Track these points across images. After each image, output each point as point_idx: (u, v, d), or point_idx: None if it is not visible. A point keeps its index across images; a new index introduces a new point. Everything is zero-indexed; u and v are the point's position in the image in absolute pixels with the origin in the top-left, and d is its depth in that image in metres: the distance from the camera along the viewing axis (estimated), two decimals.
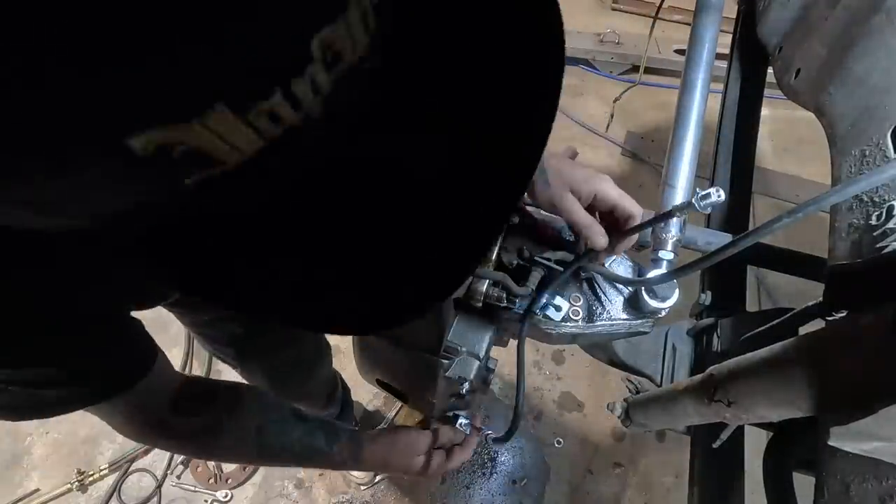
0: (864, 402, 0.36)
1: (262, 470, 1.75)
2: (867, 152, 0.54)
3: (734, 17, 1.21)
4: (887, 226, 0.48)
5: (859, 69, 0.60)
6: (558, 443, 1.82)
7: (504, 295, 0.68)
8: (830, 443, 0.39)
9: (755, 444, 0.85)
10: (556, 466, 1.78)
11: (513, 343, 0.94)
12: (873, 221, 0.50)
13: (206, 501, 1.68)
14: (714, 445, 0.67)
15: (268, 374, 1.00)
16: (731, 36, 1.20)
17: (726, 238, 0.83)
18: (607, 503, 1.73)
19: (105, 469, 1.71)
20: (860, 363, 0.37)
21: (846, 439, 0.38)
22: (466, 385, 0.64)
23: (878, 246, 0.48)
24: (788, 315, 0.59)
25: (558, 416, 1.86)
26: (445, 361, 0.63)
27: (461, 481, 1.76)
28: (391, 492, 1.72)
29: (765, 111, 1.19)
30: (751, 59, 1.13)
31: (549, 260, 0.70)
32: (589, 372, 1.92)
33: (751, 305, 1.02)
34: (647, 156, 2.45)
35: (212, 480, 1.71)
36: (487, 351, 0.68)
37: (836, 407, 0.39)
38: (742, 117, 1.12)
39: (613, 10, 3.06)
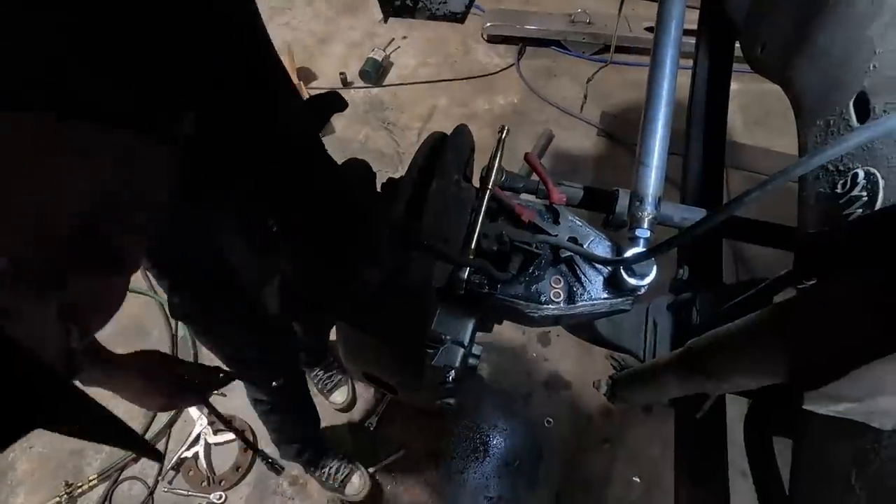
0: (836, 366, 0.37)
1: (255, 470, 1.74)
2: (831, 122, 0.55)
3: None
4: (852, 193, 0.50)
5: (822, 41, 0.60)
6: (548, 423, 1.85)
7: (486, 281, 0.68)
8: (805, 406, 0.40)
9: (737, 412, 0.87)
10: (548, 446, 1.82)
11: (497, 330, 0.95)
12: (839, 189, 0.51)
13: None
14: (697, 416, 0.69)
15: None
16: (698, 12, 1.21)
17: (701, 213, 0.84)
18: (598, 478, 1.78)
19: (94, 479, 1.68)
20: (832, 329, 0.38)
21: (819, 402, 0.39)
22: (452, 373, 0.64)
23: (844, 213, 0.50)
24: (761, 286, 0.61)
25: (547, 397, 1.89)
26: (430, 351, 0.63)
27: (455, 467, 1.78)
28: (385, 480, 1.74)
29: (734, 85, 1.20)
30: (719, 34, 1.14)
31: (528, 244, 0.70)
32: (575, 352, 1.95)
33: (728, 278, 1.04)
34: (622, 135, 2.46)
35: (205, 483, 1.70)
36: (472, 338, 0.69)
37: (809, 372, 0.40)
38: (712, 92, 1.13)
39: None
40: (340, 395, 1.82)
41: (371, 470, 1.72)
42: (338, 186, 0.49)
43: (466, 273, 0.66)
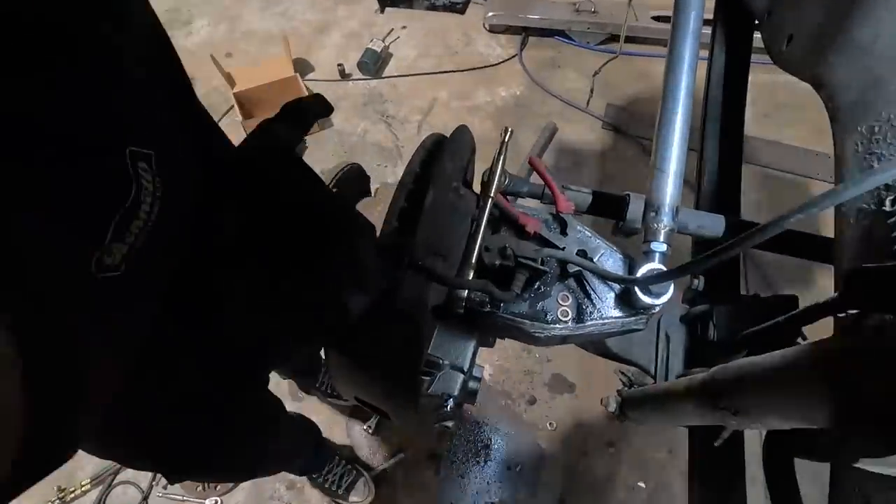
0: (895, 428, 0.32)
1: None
2: (876, 128, 0.49)
3: None
4: None
5: (864, 35, 0.54)
6: (551, 426, 1.80)
7: (487, 300, 0.63)
8: (858, 465, 0.35)
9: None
10: (551, 450, 1.77)
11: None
12: (887, 207, 0.45)
13: None
14: (715, 444, 0.64)
15: (213, 475, 0.93)
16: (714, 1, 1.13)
17: (719, 220, 0.78)
18: (602, 483, 1.73)
19: (87, 484, 1.65)
20: (890, 382, 0.32)
21: (875, 465, 0.34)
22: (451, 402, 0.59)
23: (893, 235, 0.44)
24: (794, 313, 0.55)
25: (550, 400, 1.85)
26: (426, 378, 0.58)
27: (456, 470, 1.74)
28: (384, 484, 1.70)
29: None
30: (736, 25, 1.06)
31: (533, 260, 0.64)
32: (579, 353, 1.88)
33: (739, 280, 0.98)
34: (628, 128, 2.39)
35: (200, 488, 1.66)
36: (472, 361, 0.63)
37: (861, 426, 0.35)
38: (729, 89, 1.06)
39: None
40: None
41: (370, 474, 1.68)
42: (317, 203, 0.43)
43: (466, 291, 0.61)
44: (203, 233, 0.45)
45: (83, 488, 1.64)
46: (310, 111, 0.45)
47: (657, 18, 2.56)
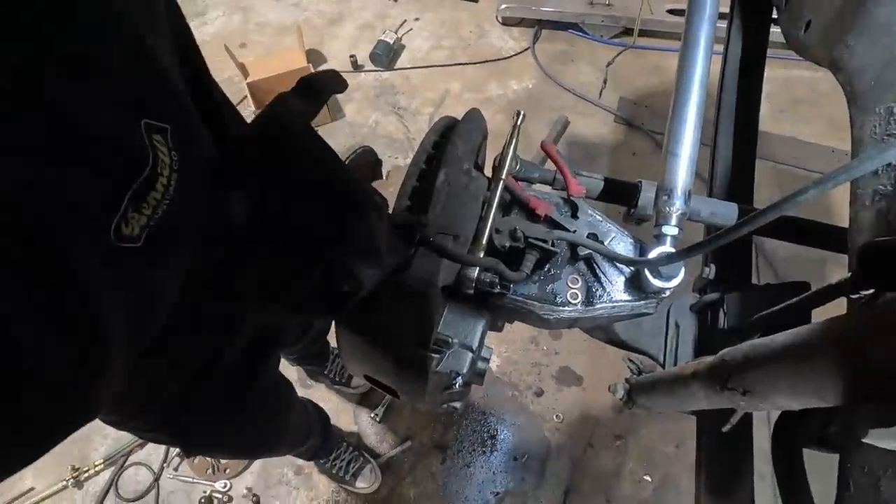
0: None
1: (260, 459, 1.73)
2: (895, 109, 0.48)
3: None
4: None
5: (883, 14, 0.53)
6: (558, 418, 1.81)
7: (497, 280, 0.63)
8: (866, 441, 0.35)
9: (763, 417, 0.82)
10: (557, 441, 1.77)
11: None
12: None
13: (204, 492, 1.66)
14: (724, 429, 0.64)
15: (226, 449, 0.94)
16: None
17: (732, 208, 0.78)
18: (608, 476, 1.73)
19: (100, 464, 1.68)
20: None
21: (886, 439, 0.34)
22: (459, 380, 0.60)
23: None
24: (806, 295, 0.55)
25: (557, 392, 1.85)
26: (436, 356, 0.58)
27: (462, 460, 1.75)
28: (391, 472, 1.71)
29: None
30: (753, 15, 1.05)
31: (543, 241, 0.64)
32: (587, 346, 1.90)
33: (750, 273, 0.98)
34: (641, 122, 2.37)
35: (209, 471, 1.69)
36: (481, 341, 0.63)
37: (873, 400, 0.35)
38: (744, 80, 1.05)
39: None
40: (359, 379, 1.75)
41: (377, 461, 1.70)
42: (331, 175, 0.44)
43: (476, 271, 0.61)
44: (218, 211, 0.45)
45: (96, 468, 1.68)
46: (326, 85, 0.45)
47: (672, 11, 2.53)
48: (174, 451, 1.72)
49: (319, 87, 0.45)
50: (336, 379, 1.76)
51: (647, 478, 1.72)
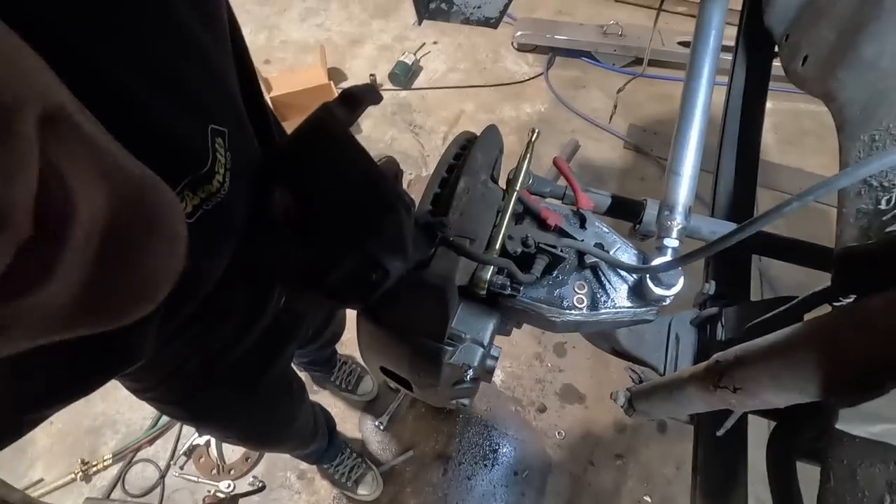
0: (875, 384, 0.36)
1: (264, 461, 1.75)
2: (877, 137, 0.53)
3: (739, 8, 1.19)
4: None
5: (869, 52, 0.59)
6: (559, 435, 1.82)
7: (508, 282, 0.68)
8: (838, 426, 0.39)
9: (758, 434, 0.85)
10: (558, 458, 1.79)
11: (513, 337, 0.94)
12: (882, 206, 0.49)
13: (209, 492, 1.69)
14: (718, 433, 0.67)
15: (235, 431, 0.97)
16: (734, 29, 1.19)
17: (732, 227, 0.83)
18: (608, 494, 1.74)
19: (109, 459, 1.71)
20: (871, 345, 0.36)
21: (854, 422, 0.38)
22: (470, 372, 0.64)
23: (887, 231, 0.48)
24: (795, 301, 0.59)
25: (560, 409, 1.87)
26: (449, 349, 0.63)
27: (463, 472, 1.77)
28: (392, 481, 1.73)
29: (768, 104, 1.18)
30: (756, 49, 1.12)
31: (553, 247, 0.69)
32: (591, 364, 1.92)
33: (754, 296, 1.02)
34: (649, 148, 2.44)
35: (214, 471, 1.72)
36: (491, 338, 0.68)
37: (845, 390, 0.39)
38: (747, 109, 1.11)
39: (616, 1, 3.03)
40: (365, 386, 1.82)
41: (379, 469, 1.72)
42: (367, 174, 0.49)
43: (490, 272, 0.66)
44: (262, 204, 0.51)
45: (105, 463, 1.71)
46: (364, 96, 0.51)
47: (682, 43, 2.62)
48: (181, 449, 1.75)
49: (359, 98, 0.51)
50: (342, 386, 1.80)
51: (647, 498, 1.73)
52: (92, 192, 0.21)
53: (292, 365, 1.05)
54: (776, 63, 0.91)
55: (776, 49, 0.96)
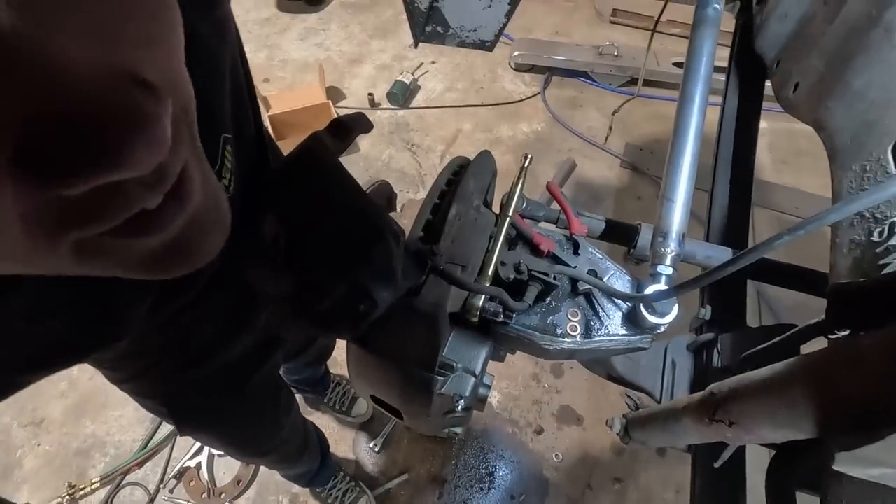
0: (871, 426, 0.35)
1: (256, 484, 1.72)
2: (867, 167, 0.53)
3: (732, 31, 1.21)
4: (889, 242, 0.47)
5: (858, 83, 0.59)
6: (557, 457, 1.79)
7: (501, 310, 0.67)
8: (835, 467, 0.38)
9: (757, 463, 0.83)
10: (555, 481, 1.76)
11: (510, 358, 0.93)
12: (875, 238, 0.49)
13: None
14: (715, 465, 0.66)
15: (217, 435, 0.95)
16: (728, 49, 1.20)
17: (726, 252, 0.82)
18: None
19: (97, 482, 1.68)
20: (866, 385, 0.36)
21: (852, 464, 0.37)
22: (461, 402, 0.63)
23: (880, 263, 0.48)
24: (790, 333, 0.58)
25: (557, 431, 1.84)
26: (440, 378, 0.62)
27: (459, 496, 1.73)
28: None
29: (763, 124, 1.19)
30: (748, 72, 1.13)
31: (546, 274, 0.69)
32: (588, 385, 1.90)
33: (751, 319, 1.01)
34: (645, 167, 2.45)
35: (205, 495, 1.68)
36: (483, 367, 0.67)
37: (840, 430, 0.38)
38: (740, 130, 1.12)
39: (612, 23, 3.08)
40: (359, 408, 1.79)
41: (373, 493, 1.69)
42: (356, 204, 0.49)
43: (482, 300, 0.65)
44: (251, 231, 0.51)
45: (92, 486, 1.68)
46: (354, 125, 0.51)
47: (677, 64, 2.65)
48: (171, 472, 1.72)
49: (349, 127, 0.51)
50: (336, 407, 1.77)
51: None
52: (196, 176, 0.28)
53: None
54: (769, 83, 0.92)
55: (768, 72, 0.97)
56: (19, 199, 0.19)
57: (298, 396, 1.76)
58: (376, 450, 1.78)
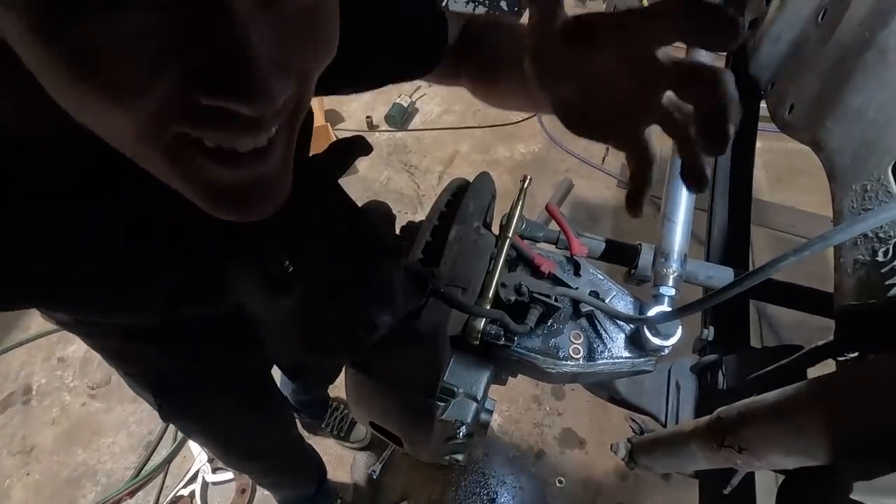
0: (889, 455, 0.34)
1: None
2: (868, 187, 0.53)
3: (724, 53, 1.23)
4: (894, 263, 0.47)
5: (855, 103, 0.59)
6: (560, 482, 1.75)
7: (502, 332, 0.66)
8: (853, 496, 0.36)
9: (768, 487, 0.81)
10: None
11: (510, 380, 0.92)
12: (880, 258, 0.48)
13: None
14: (725, 492, 0.64)
15: (199, 426, 0.92)
16: None
17: (728, 272, 0.82)
18: None
19: None
20: (882, 412, 0.35)
21: (869, 493, 0.35)
22: (463, 429, 0.61)
23: (887, 283, 0.47)
24: (797, 355, 0.57)
25: (559, 455, 1.80)
26: (441, 404, 0.60)
27: None
28: None
29: (758, 143, 1.19)
30: (743, 93, 1.13)
31: (547, 296, 0.68)
32: (590, 407, 1.87)
33: (752, 337, 1.00)
34: None
35: None
36: (485, 392, 0.65)
37: (856, 458, 0.37)
38: (737, 150, 1.12)
39: None
40: (358, 433, 1.76)
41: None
42: (355, 227, 0.49)
43: (482, 323, 0.64)
44: (247, 254, 0.50)
45: None
46: (353, 148, 0.51)
47: None
48: (164, 500, 1.67)
49: (348, 150, 0.50)
50: (334, 432, 1.74)
51: None
52: (280, 149, 0.34)
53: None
54: (764, 104, 0.93)
55: (763, 94, 0.98)
56: (172, 99, 0.26)
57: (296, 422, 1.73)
58: (375, 475, 1.74)
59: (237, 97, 0.26)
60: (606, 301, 0.71)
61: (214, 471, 1.70)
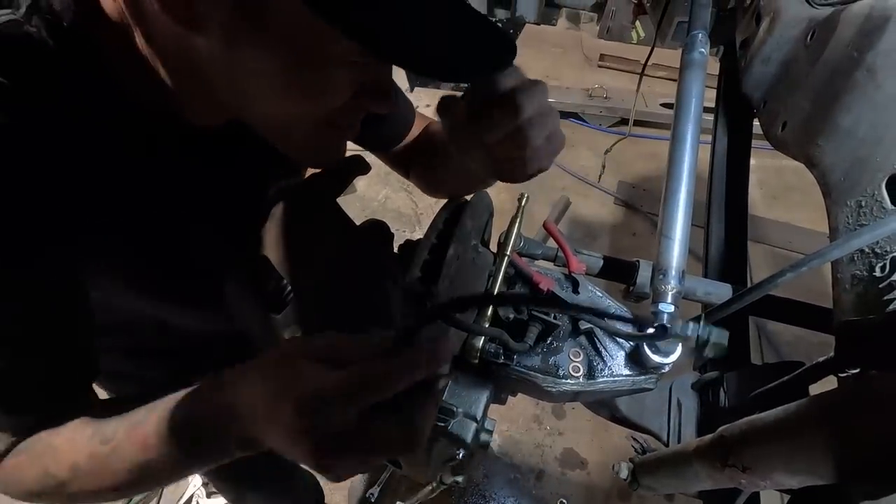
0: (893, 471, 0.33)
1: None
2: (863, 203, 0.53)
3: (717, 73, 1.25)
4: (892, 278, 0.47)
5: (846, 122, 0.60)
6: (562, 503, 1.72)
7: (501, 351, 0.65)
8: None
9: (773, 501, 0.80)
10: None
11: (510, 399, 0.91)
12: (877, 273, 0.49)
13: None
14: None
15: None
16: (715, 91, 1.24)
17: (726, 288, 0.82)
18: None
19: None
20: (885, 429, 0.34)
21: None
22: (463, 450, 0.60)
23: (885, 299, 0.47)
24: (799, 371, 0.57)
25: (561, 475, 1.78)
26: (440, 424, 0.59)
27: None
28: None
29: (752, 160, 1.21)
30: (736, 112, 1.16)
31: (546, 314, 0.67)
32: (591, 426, 1.85)
33: (752, 354, 0.99)
34: (639, 204, 2.48)
35: None
36: (485, 411, 0.65)
37: (863, 477, 0.36)
38: (732, 167, 1.14)
39: (600, 67, 3.20)
40: None
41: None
42: (353, 247, 0.49)
43: (481, 341, 0.64)
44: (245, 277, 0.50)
45: None
46: (352, 168, 0.52)
47: (665, 105, 2.73)
48: None
49: (347, 170, 0.51)
50: None
51: None
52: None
53: None
54: (758, 122, 0.94)
55: (756, 112, 0.99)
56: (346, 103, 0.44)
57: None
58: (373, 499, 1.70)
59: (387, 100, 0.46)
60: (605, 319, 0.71)
61: (209, 495, 1.67)
